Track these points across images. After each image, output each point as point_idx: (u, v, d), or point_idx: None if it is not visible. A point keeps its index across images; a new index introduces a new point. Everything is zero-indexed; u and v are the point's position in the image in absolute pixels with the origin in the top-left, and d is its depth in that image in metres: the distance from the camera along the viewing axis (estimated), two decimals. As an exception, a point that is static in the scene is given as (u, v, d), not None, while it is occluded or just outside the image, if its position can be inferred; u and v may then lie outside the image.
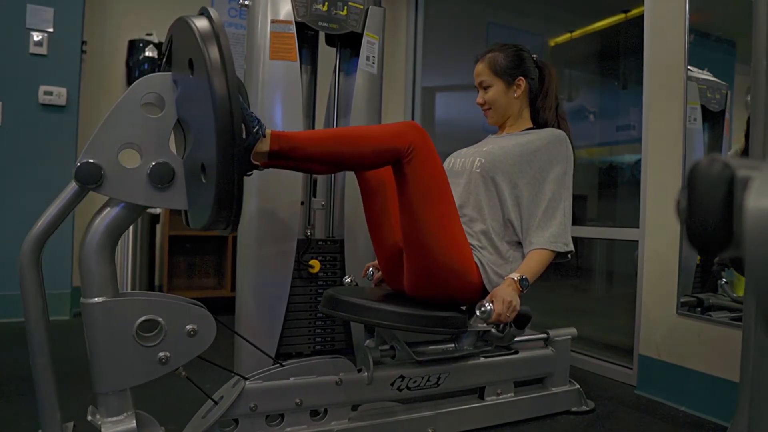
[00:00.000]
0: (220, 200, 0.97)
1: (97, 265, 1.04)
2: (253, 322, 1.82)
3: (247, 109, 1.15)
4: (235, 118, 0.96)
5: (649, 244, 1.96)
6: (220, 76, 0.96)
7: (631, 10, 2.73)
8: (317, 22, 1.87)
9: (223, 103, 0.95)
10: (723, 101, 2.01)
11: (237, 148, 0.97)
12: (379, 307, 1.32)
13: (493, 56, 1.59)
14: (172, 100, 1.06)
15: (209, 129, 0.96)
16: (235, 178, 0.98)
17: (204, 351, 1.13)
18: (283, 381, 1.32)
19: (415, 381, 1.46)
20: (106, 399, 1.05)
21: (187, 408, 1.33)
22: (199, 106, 0.99)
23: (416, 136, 1.27)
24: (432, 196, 1.30)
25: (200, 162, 1.00)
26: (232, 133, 0.96)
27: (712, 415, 1.70)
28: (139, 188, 1.03)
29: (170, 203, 1.06)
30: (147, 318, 1.06)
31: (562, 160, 1.49)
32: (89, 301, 1.03)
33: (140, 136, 1.03)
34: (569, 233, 1.48)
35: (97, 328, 1.03)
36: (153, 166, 1.03)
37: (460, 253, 1.36)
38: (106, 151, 1.01)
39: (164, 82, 1.06)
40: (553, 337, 1.71)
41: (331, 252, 1.94)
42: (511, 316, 1.31)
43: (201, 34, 0.97)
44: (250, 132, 1.14)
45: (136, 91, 1.04)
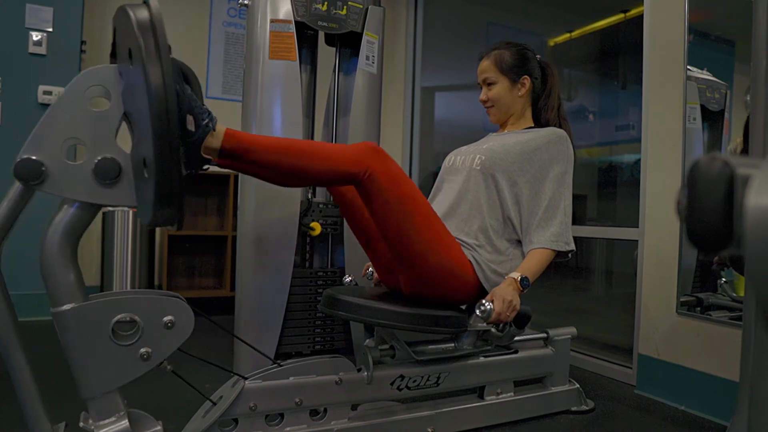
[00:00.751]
0: (160, 196, 0.93)
1: (60, 272, 1.00)
2: (252, 322, 1.82)
3: (196, 101, 1.11)
4: (170, 109, 0.92)
5: (649, 244, 1.97)
6: (155, 66, 0.91)
7: (630, 10, 2.74)
8: (317, 22, 1.87)
9: (158, 94, 0.91)
10: (722, 101, 2.01)
11: (174, 141, 0.92)
12: (378, 307, 1.32)
13: (499, 53, 1.58)
14: (118, 92, 1.01)
15: (148, 121, 0.92)
16: (174, 172, 0.93)
17: (202, 350, 1.13)
18: (282, 380, 1.31)
19: (415, 380, 1.46)
20: (95, 403, 1.03)
21: (186, 408, 1.33)
22: (139, 98, 0.95)
23: (374, 160, 1.24)
24: (402, 212, 1.28)
25: (143, 156, 0.96)
26: (168, 125, 0.92)
27: (712, 414, 1.70)
28: (84, 185, 0.98)
29: (117, 200, 1.02)
30: (121, 317, 1.03)
31: (563, 159, 1.49)
32: (59, 309, 1.00)
33: (84, 131, 0.99)
34: (570, 232, 1.48)
35: (72, 336, 1.00)
36: (98, 161, 0.98)
37: (447, 254, 1.36)
38: (49, 147, 0.97)
39: (109, 74, 1.01)
40: (552, 336, 1.71)
41: (332, 215, 1.94)
42: (511, 316, 1.31)
43: (138, 24, 0.94)
44: (199, 125, 1.10)
45: (79, 84, 0.99)
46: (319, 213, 1.91)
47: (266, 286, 1.82)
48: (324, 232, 1.89)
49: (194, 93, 1.12)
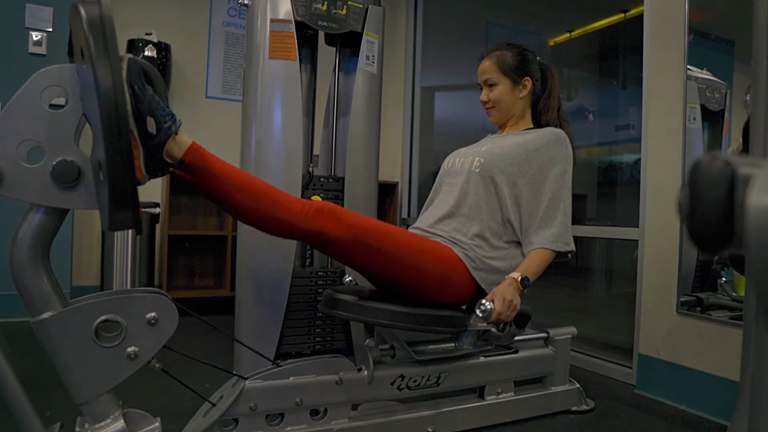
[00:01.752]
0: (114, 198, 0.90)
1: (34, 280, 0.98)
2: (252, 322, 1.82)
3: (158, 103, 1.07)
4: (119, 111, 0.89)
5: (649, 244, 1.97)
6: (104, 66, 0.88)
7: (630, 10, 2.74)
8: (317, 22, 1.87)
9: (107, 95, 0.88)
10: (722, 100, 2.01)
11: (125, 143, 0.89)
12: (379, 307, 1.32)
13: (500, 54, 1.58)
14: (76, 93, 0.97)
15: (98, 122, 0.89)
16: (127, 175, 0.90)
17: (203, 350, 1.13)
18: (282, 380, 1.31)
19: (415, 380, 1.46)
20: (89, 407, 1.02)
21: (186, 408, 1.33)
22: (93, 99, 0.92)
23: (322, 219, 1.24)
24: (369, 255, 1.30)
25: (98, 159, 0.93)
26: (118, 127, 0.89)
27: (712, 414, 1.70)
28: (42, 188, 0.95)
29: (77, 203, 0.98)
30: (103, 319, 1.01)
31: (562, 160, 1.49)
32: (38, 318, 0.97)
33: (41, 132, 0.95)
34: (570, 232, 1.48)
35: (55, 344, 0.98)
36: (56, 163, 0.95)
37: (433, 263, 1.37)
38: (4, 149, 0.93)
39: (65, 74, 0.97)
40: (553, 336, 1.71)
41: (333, 189, 1.94)
42: (511, 315, 1.31)
43: (88, 22, 0.90)
44: (161, 128, 1.07)
45: (35, 84, 0.95)
46: (320, 186, 1.92)
47: (266, 286, 1.82)
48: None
49: (157, 94, 1.08)
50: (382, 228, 1.33)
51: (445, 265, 1.37)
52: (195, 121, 3.19)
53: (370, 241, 1.29)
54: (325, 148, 2.10)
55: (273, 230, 1.26)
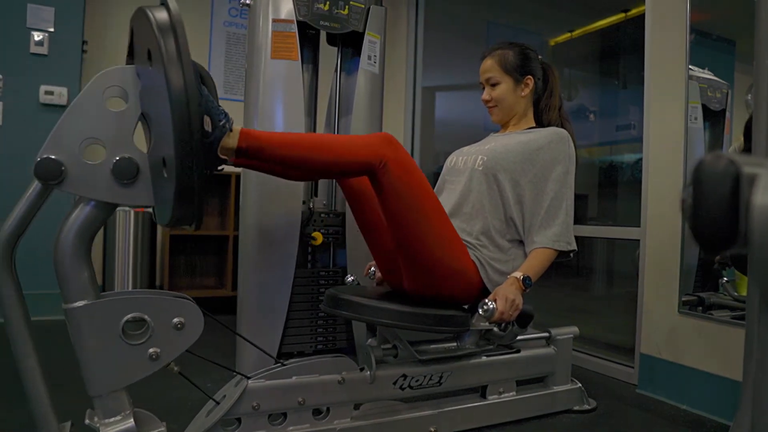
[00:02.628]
0: (180, 196, 0.94)
1: (74, 269, 1.01)
2: (254, 322, 1.82)
3: (213, 102, 1.13)
4: (192, 111, 0.93)
5: (651, 243, 1.97)
6: (176, 68, 0.92)
7: (630, 10, 2.74)
8: (319, 22, 1.87)
9: (179, 96, 0.92)
10: (724, 100, 2.01)
11: (195, 141, 0.94)
12: (381, 306, 1.32)
13: (502, 53, 1.58)
14: (135, 93, 1.02)
15: (168, 122, 0.93)
16: (195, 172, 0.94)
17: (204, 349, 1.13)
18: (285, 380, 1.32)
19: (418, 380, 1.46)
20: (101, 401, 1.04)
21: (190, 407, 1.33)
22: (158, 99, 0.96)
23: (388, 149, 1.25)
24: (414, 205, 1.29)
25: (162, 156, 0.97)
26: (189, 126, 0.93)
27: (714, 413, 1.70)
28: (102, 184, 1.00)
29: (135, 199, 1.03)
30: (132, 316, 1.04)
31: (564, 159, 1.49)
32: (71, 306, 1.01)
33: (103, 131, 1.00)
34: (572, 232, 1.48)
35: (82, 332, 1.01)
36: (116, 161, 0.99)
37: (453, 253, 1.36)
38: (68, 147, 0.98)
39: (127, 75, 1.03)
40: (554, 335, 1.71)
41: (333, 225, 1.94)
42: (513, 315, 1.31)
43: (158, 26, 0.94)
44: (216, 125, 1.11)
45: (98, 84, 1.01)
46: (321, 222, 1.91)
47: (268, 285, 1.82)
48: (326, 241, 1.89)
49: (210, 93, 1.13)
50: (429, 188, 1.34)
51: (461, 260, 1.37)
52: (196, 121, 3.19)
53: (416, 188, 1.30)
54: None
55: (349, 173, 1.30)
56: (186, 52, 0.95)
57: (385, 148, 1.25)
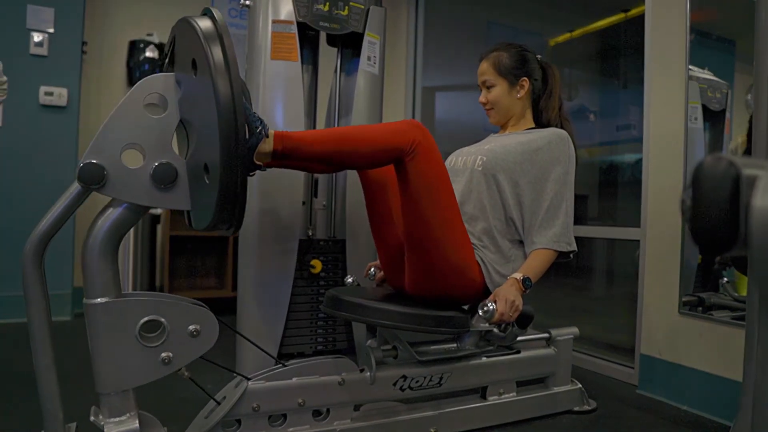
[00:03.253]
0: (223, 201, 0.97)
1: (100, 266, 1.04)
2: (254, 323, 1.82)
3: (250, 110, 1.15)
4: (239, 120, 0.96)
5: (651, 244, 1.97)
6: (224, 78, 0.96)
7: (630, 10, 2.74)
8: (318, 23, 1.87)
9: (227, 105, 0.95)
10: (724, 100, 2.01)
11: (241, 149, 0.97)
12: (381, 307, 1.32)
13: (497, 55, 1.58)
14: (175, 100, 1.06)
15: (213, 130, 0.96)
16: (238, 178, 0.98)
17: (207, 351, 1.13)
18: (285, 381, 1.32)
19: (418, 381, 1.46)
20: (108, 399, 1.05)
21: (189, 408, 1.33)
22: (202, 107, 0.99)
23: (418, 134, 1.27)
24: (435, 194, 1.31)
25: (203, 162, 1.00)
26: (236, 135, 0.96)
27: (714, 414, 1.70)
28: (142, 189, 1.02)
29: (173, 204, 1.06)
30: (150, 318, 1.06)
31: (564, 160, 1.49)
32: (92, 301, 1.03)
33: (143, 137, 1.03)
34: (572, 233, 1.48)
35: (99, 329, 1.03)
36: (156, 166, 1.02)
37: (462, 251, 1.36)
38: (109, 152, 1.01)
39: (167, 83, 1.06)
40: (555, 336, 1.71)
41: (332, 252, 1.94)
42: (513, 316, 1.31)
43: (204, 35, 0.98)
44: (253, 132, 1.14)
45: (139, 91, 1.04)
46: (320, 250, 1.91)
47: (268, 286, 1.82)
48: (325, 269, 1.90)
49: (246, 101, 1.15)
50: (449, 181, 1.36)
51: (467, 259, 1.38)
52: (196, 122, 3.19)
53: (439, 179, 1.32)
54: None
55: (381, 161, 1.31)
56: (234, 62, 0.99)
57: (416, 133, 1.27)
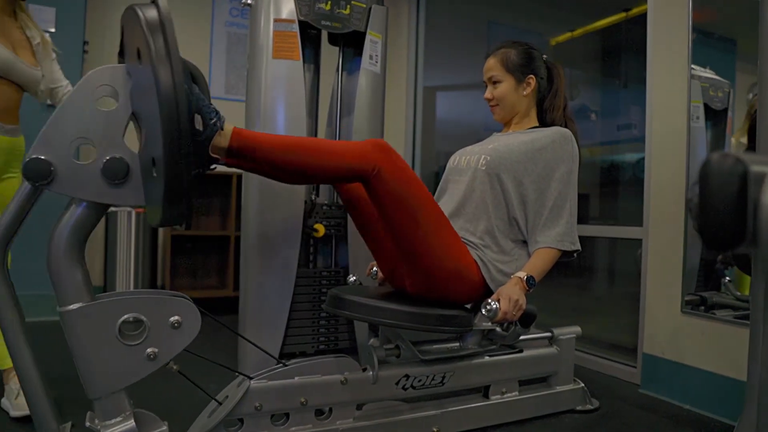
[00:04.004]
0: (169, 195, 0.93)
1: (68, 271, 1.01)
2: (256, 322, 1.81)
3: (204, 100, 1.11)
4: (180, 110, 0.92)
5: (653, 243, 1.96)
6: (165, 66, 0.91)
7: (631, 9, 2.73)
8: (320, 21, 1.86)
9: (168, 94, 0.91)
10: (725, 99, 2.01)
11: (184, 140, 0.92)
12: (383, 306, 1.32)
13: (505, 52, 1.58)
14: (126, 92, 1.01)
15: (157, 121, 0.92)
16: (183, 172, 0.93)
17: (207, 350, 1.13)
18: (288, 380, 1.31)
19: (420, 380, 1.45)
20: (101, 403, 1.03)
21: (191, 408, 1.33)
22: (148, 98, 0.95)
23: (380, 156, 1.24)
24: (411, 210, 1.29)
25: (152, 156, 0.96)
26: (178, 125, 0.92)
27: (717, 413, 1.69)
28: (92, 184, 0.98)
29: (126, 200, 1.02)
30: (128, 317, 1.03)
31: (568, 159, 1.49)
32: (66, 309, 1.00)
33: (93, 131, 0.98)
34: (575, 232, 1.47)
35: (78, 335, 1.00)
36: (106, 161, 0.98)
37: (453, 255, 1.36)
38: (57, 147, 0.96)
39: (117, 74, 1.01)
40: (557, 335, 1.70)
41: (335, 217, 1.94)
42: (517, 315, 1.31)
43: (147, 23, 0.93)
44: (207, 124, 1.10)
45: (88, 84, 0.99)
46: (323, 214, 1.90)
47: (270, 285, 1.81)
48: (328, 233, 1.89)
49: (201, 92, 1.12)
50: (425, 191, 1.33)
51: (462, 261, 1.37)
52: (197, 122, 3.19)
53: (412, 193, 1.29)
54: (329, 148, 2.09)
55: (341, 179, 1.29)
56: (175, 50, 0.93)
57: (378, 155, 1.24)
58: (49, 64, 1.71)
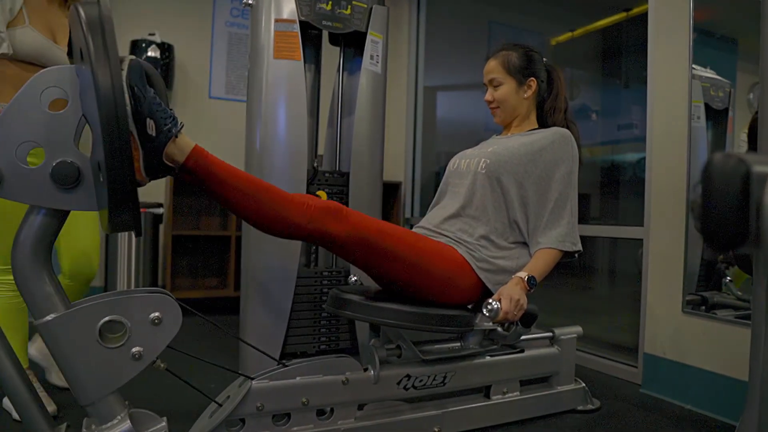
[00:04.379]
0: (113, 201, 0.90)
1: (36, 282, 0.98)
2: (257, 322, 1.82)
3: (159, 105, 1.05)
4: (120, 112, 0.88)
5: (654, 243, 1.96)
6: (103, 67, 0.88)
7: (632, 9, 2.73)
8: (321, 21, 1.87)
9: (107, 95, 0.87)
10: (726, 99, 2.01)
11: (124, 144, 0.89)
12: (384, 306, 1.32)
13: (506, 54, 1.58)
14: (76, 94, 0.97)
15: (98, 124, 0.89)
16: (127, 177, 0.90)
17: (208, 349, 1.13)
18: (289, 380, 1.31)
19: (421, 380, 1.45)
20: (95, 408, 1.02)
21: (192, 408, 1.33)
22: (91, 100, 0.91)
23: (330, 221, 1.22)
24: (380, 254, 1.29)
25: (98, 160, 0.93)
26: (118, 128, 0.88)
27: (718, 413, 1.69)
28: (42, 190, 0.95)
29: (77, 205, 0.98)
30: (106, 320, 1.01)
31: (568, 160, 1.49)
32: (42, 321, 0.98)
33: (41, 134, 0.94)
34: (576, 232, 1.48)
35: (60, 345, 0.99)
36: (55, 165, 0.94)
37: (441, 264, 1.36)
38: (4, 151, 0.93)
39: (65, 75, 0.97)
40: (558, 335, 1.70)
41: (337, 184, 1.95)
42: (518, 315, 1.31)
43: (87, 22, 0.90)
44: (160, 130, 1.05)
45: (35, 85, 0.95)
46: (325, 181, 1.92)
47: (271, 285, 1.82)
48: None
49: (158, 95, 1.07)
50: (387, 229, 1.33)
51: (450, 266, 1.37)
52: (198, 122, 3.19)
53: (376, 242, 1.28)
54: (330, 148, 2.09)
55: (278, 232, 1.24)
56: (114, 50, 0.90)
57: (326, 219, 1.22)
58: None
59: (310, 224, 1.21)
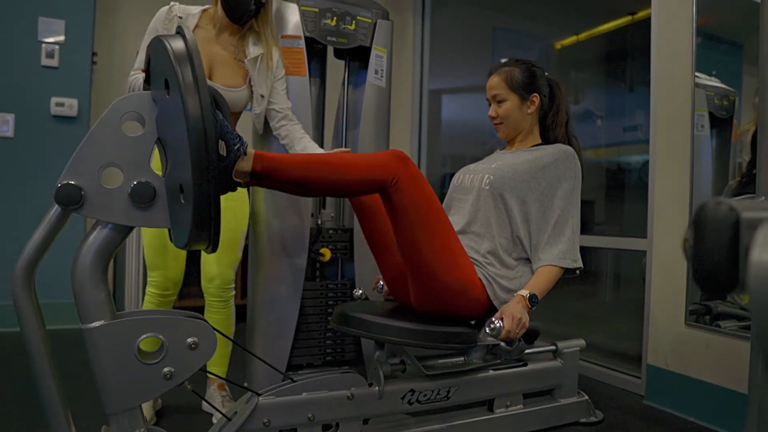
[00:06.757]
0: (198, 220, 0.97)
1: (91, 290, 1.04)
2: (264, 334, 1.84)
3: (228, 127, 1.15)
4: (209, 139, 0.96)
5: (657, 254, 1.97)
6: (193, 97, 0.95)
7: (637, 13, 2.73)
8: (326, 37, 1.88)
9: (197, 124, 0.95)
10: (731, 108, 2.01)
11: (212, 167, 0.97)
12: (389, 324, 1.34)
13: (509, 71, 1.60)
14: (152, 118, 1.05)
15: (185, 149, 0.96)
16: (211, 198, 0.97)
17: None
18: (295, 396, 1.34)
19: (425, 394, 1.48)
20: (116, 418, 1.06)
21: (201, 423, 1.35)
22: (175, 126, 0.99)
23: (399, 166, 1.28)
24: (424, 222, 1.32)
25: (179, 182, 1.00)
26: (207, 154, 0.96)
27: (721, 426, 1.70)
28: (120, 208, 1.03)
29: (152, 222, 1.06)
30: (148, 336, 1.06)
31: (571, 177, 1.50)
32: (88, 326, 1.03)
33: (121, 156, 1.03)
34: (578, 249, 1.49)
35: (99, 352, 1.04)
36: (134, 185, 1.02)
37: (461, 271, 1.38)
38: (87, 172, 1.01)
39: (144, 101, 1.06)
40: (561, 348, 1.72)
41: (341, 240, 1.96)
42: (520, 333, 1.32)
43: (175, 55, 0.97)
44: (231, 150, 1.14)
45: (116, 110, 1.04)
46: (329, 239, 1.93)
47: (278, 297, 1.84)
48: (334, 257, 1.92)
49: (225, 117, 1.15)
50: (438, 204, 1.37)
51: (466, 278, 1.39)
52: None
53: (427, 205, 1.33)
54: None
55: (362, 191, 1.34)
56: (203, 81, 0.98)
57: (398, 165, 1.28)
58: (267, 82, 1.68)
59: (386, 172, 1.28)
